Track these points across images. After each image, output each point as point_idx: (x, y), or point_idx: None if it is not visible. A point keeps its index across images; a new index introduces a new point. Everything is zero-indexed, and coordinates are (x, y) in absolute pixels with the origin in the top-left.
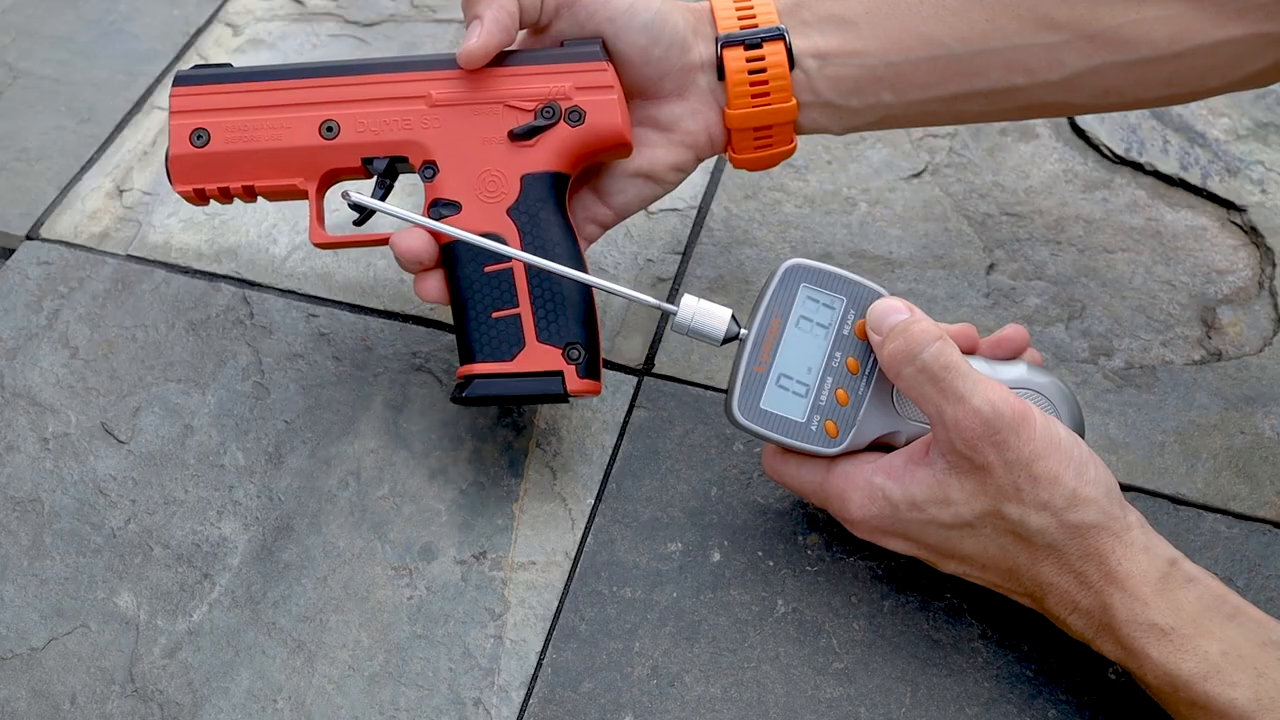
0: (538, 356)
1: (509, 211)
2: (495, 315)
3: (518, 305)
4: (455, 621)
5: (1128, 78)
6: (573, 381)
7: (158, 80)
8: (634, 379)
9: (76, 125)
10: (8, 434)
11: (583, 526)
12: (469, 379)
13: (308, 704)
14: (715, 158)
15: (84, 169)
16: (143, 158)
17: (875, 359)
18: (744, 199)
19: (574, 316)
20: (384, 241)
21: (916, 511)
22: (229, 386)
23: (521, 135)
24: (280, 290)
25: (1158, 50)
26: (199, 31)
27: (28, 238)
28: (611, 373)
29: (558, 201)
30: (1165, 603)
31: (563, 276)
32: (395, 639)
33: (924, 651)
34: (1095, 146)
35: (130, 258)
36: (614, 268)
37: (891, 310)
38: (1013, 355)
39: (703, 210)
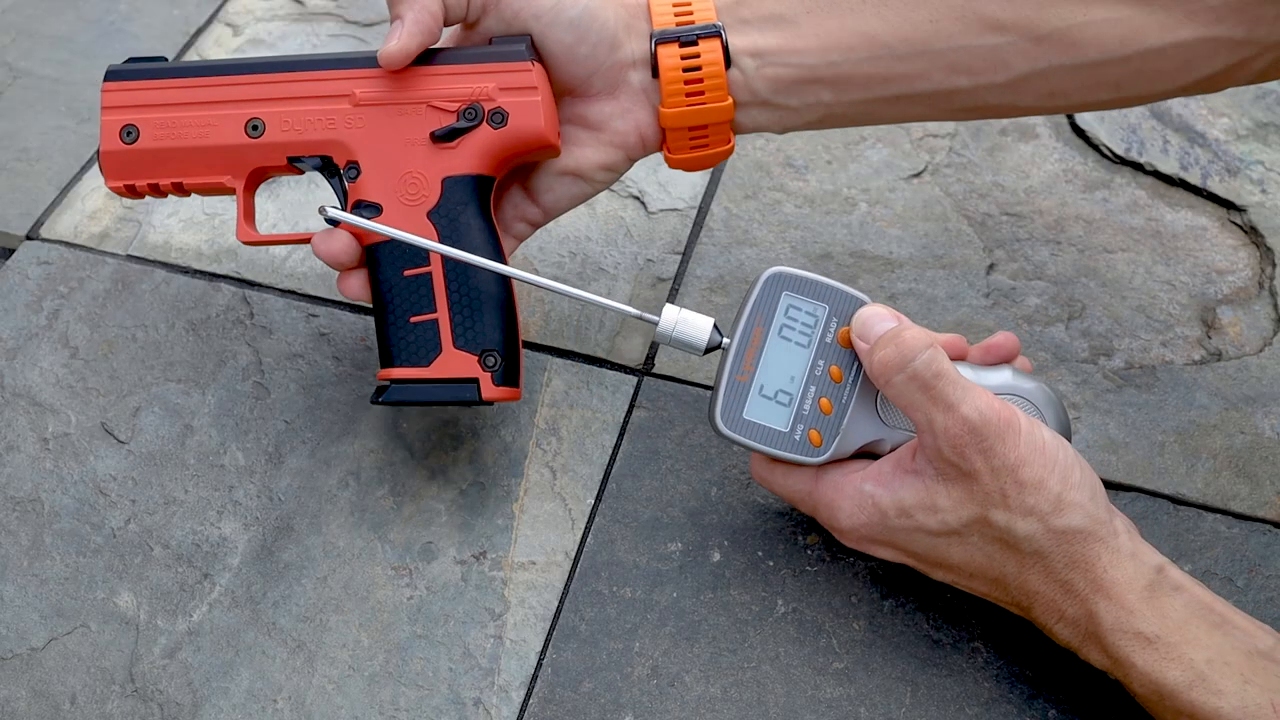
0: (454, 363)
1: (429, 214)
2: (413, 320)
3: (435, 310)
4: (455, 621)
5: (1074, 80)
6: (488, 389)
7: None
8: (634, 379)
9: (76, 125)
10: (8, 434)
11: (583, 526)
12: (389, 383)
13: (308, 704)
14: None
15: (84, 169)
16: None
17: (859, 367)
18: (744, 199)
19: (492, 323)
20: (307, 240)
21: (905, 518)
22: (229, 386)
23: (443, 137)
24: (280, 290)
25: (1106, 53)
26: (199, 31)
27: (28, 238)
28: (611, 373)
29: (480, 205)
30: (1151, 611)
31: (556, 292)
32: (395, 639)
33: (924, 651)
34: (1095, 146)
35: (130, 258)
36: (614, 268)
37: (879, 318)
38: (1001, 362)
39: (703, 210)
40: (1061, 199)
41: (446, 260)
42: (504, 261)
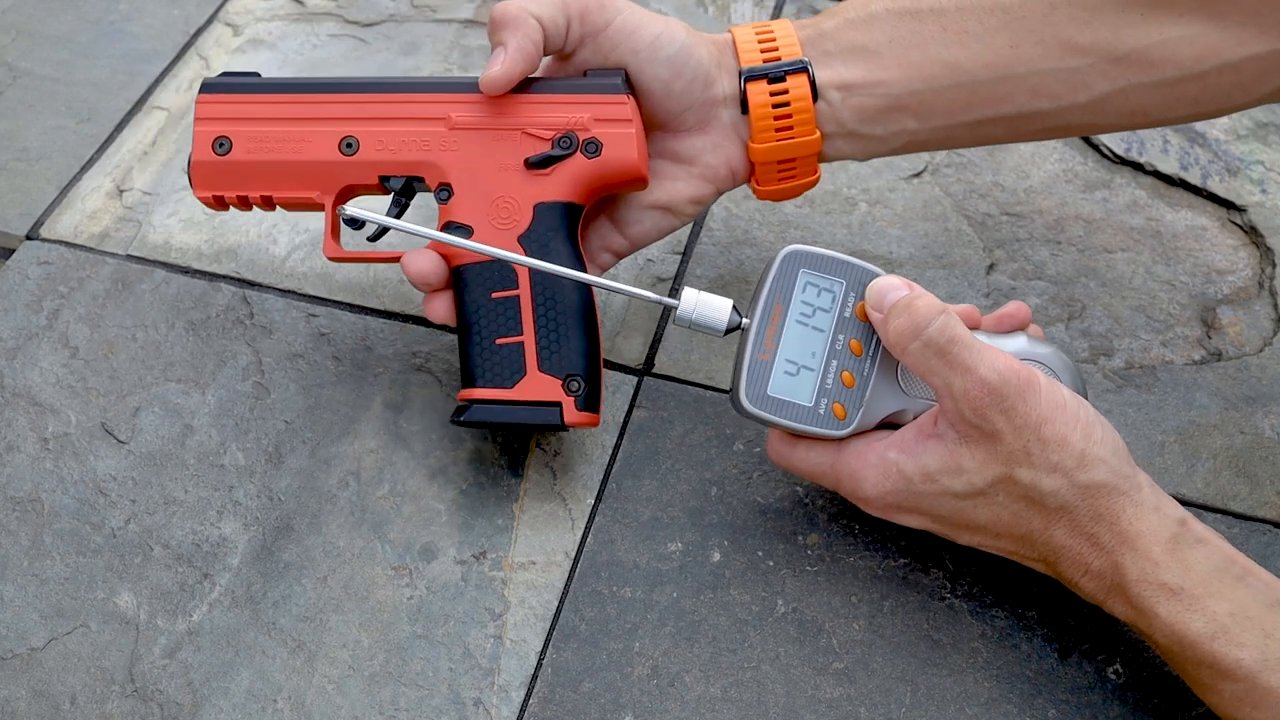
0: (538, 386)
1: (520, 239)
2: (499, 342)
3: (522, 333)
4: (455, 621)
5: (1153, 98)
6: (570, 414)
7: (158, 80)
8: (634, 379)
9: (76, 125)
10: (8, 434)
11: (583, 526)
12: (469, 403)
13: (308, 704)
14: None
15: (84, 169)
16: (143, 158)
17: (878, 340)
18: (744, 199)
19: (577, 348)
20: (396, 259)
21: (930, 483)
22: (229, 386)
23: (537, 164)
24: (280, 290)
25: (1183, 70)
26: (199, 31)
27: (28, 238)
28: (612, 373)
29: (569, 232)
30: (1175, 562)
31: (564, 279)
32: (395, 639)
33: (924, 651)
34: (1095, 146)
35: (130, 258)
36: (614, 268)
37: (891, 288)
38: (1015, 330)
39: (702, 210)
40: (1061, 199)
41: (535, 284)
42: (592, 293)
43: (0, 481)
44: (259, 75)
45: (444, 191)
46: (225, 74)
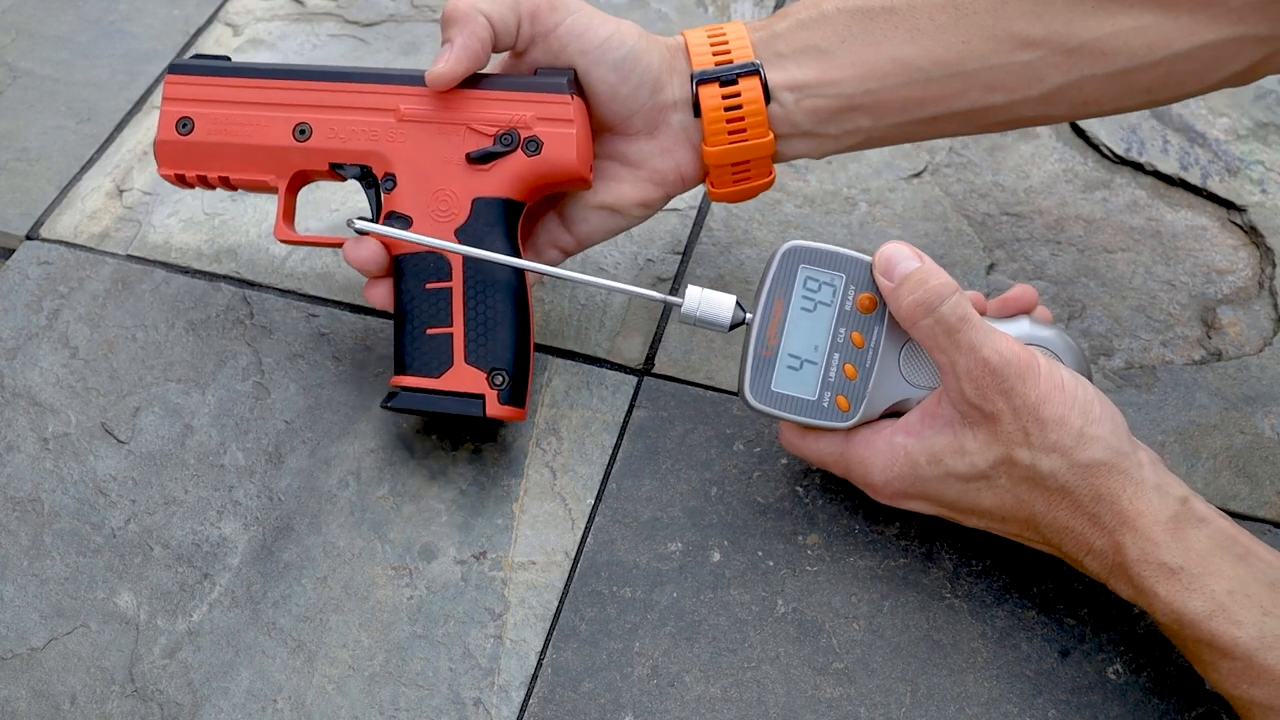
0: (463, 377)
1: (456, 232)
2: (429, 332)
3: (452, 325)
4: (455, 621)
5: (1106, 88)
6: (492, 406)
7: (158, 80)
8: (634, 379)
9: (76, 125)
10: (8, 434)
11: (583, 526)
12: (399, 389)
13: (308, 704)
14: None
15: (84, 169)
16: (143, 158)
17: (880, 333)
18: None
19: (504, 343)
20: (340, 245)
21: (935, 465)
22: (229, 386)
23: (478, 159)
24: (280, 290)
25: (1135, 60)
26: (199, 31)
27: (28, 238)
28: (611, 373)
29: (507, 228)
30: (1175, 542)
31: (574, 283)
32: (395, 639)
33: (924, 651)
34: (1095, 146)
35: (130, 258)
36: (614, 267)
37: (902, 257)
38: (1019, 314)
39: (703, 210)
40: (1061, 199)
41: (467, 279)
42: (526, 290)
43: (0, 481)
44: (229, 59)
45: (389, 181)
46: (196, 56)
